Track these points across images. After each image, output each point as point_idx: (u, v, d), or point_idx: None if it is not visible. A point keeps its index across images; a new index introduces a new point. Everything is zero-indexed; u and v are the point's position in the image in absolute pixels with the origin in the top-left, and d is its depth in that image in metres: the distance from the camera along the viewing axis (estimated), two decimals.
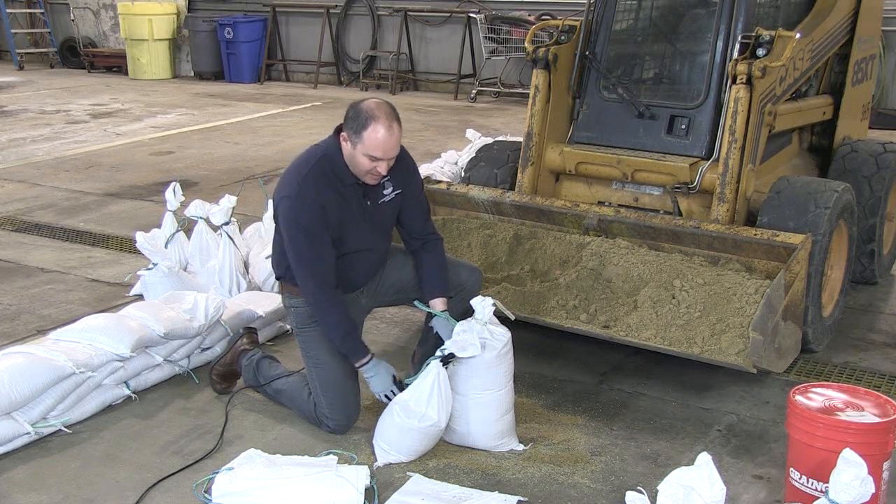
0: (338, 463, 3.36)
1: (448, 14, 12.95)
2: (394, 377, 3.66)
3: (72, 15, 15.86)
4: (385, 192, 3.71)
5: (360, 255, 3.73)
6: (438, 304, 3.74)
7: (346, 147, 3.54)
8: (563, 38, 5.02)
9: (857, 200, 4.73)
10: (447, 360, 3.51)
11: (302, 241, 3.55)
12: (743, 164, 4.42)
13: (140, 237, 5.05)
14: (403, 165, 3.75)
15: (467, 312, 3.62)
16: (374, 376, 3.63)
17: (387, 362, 3.70)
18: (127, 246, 6.06)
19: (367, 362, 3.63)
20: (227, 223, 5.13)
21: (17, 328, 4.79)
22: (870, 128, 6.32)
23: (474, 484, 3.39)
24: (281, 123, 10.86)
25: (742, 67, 4.36)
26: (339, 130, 3.60)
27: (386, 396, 3.63)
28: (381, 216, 3.74)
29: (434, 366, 3.48)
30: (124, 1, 14.59)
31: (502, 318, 3.72)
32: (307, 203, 3.52)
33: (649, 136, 4.76)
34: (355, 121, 3.48)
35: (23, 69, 15.54)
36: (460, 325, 3.54)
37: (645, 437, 3.76)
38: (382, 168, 3.52)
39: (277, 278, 3.87)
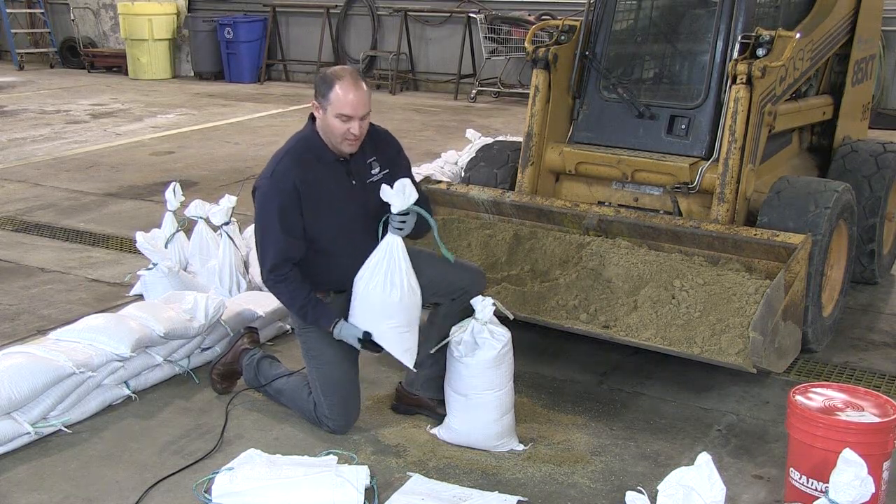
0: (338, 463, 3.37)
1: (448, 14, 12.95)
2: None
3: (72, 15, 15.86)
4: (373, 171, 3.68)
5: (352, 241, 3.62)
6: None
7: (319, 116, 3.55)
8: (563, 38, 5.02)
9: (857, 200, 4.73)
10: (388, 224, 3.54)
11: (271, 219, 3.53)
12: (743, 164, 4.41)
13: (140, 237, 5.05)
14: (389, 146, 3.75)
15: (467, 312, 3.62)
16: (342, 331, 3.59)
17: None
18: (127, 246, 6.06)
19: (336, 324, 3.58)
20: (227, 223, 5.13)
21: (17, 328, 4.79)
22: (870, 128, 6.32)
23: (474, 484, 3.39)
24: (281, 123, 10.86)
25: (742, 67, 4.35)
26: (313, 117, 3.62)
27: (360, 341, 3.56)
28: (371, 197, 3.62)
29: (384, 242, 3.51)
30: (124, 1, 14.59)
31: (502, 318, 3.72)
32: (282, 185, 3.52)
33: (649, 136, 4.76)
34: (322, 85, 3.52)
35: (23, 69, 15.54)
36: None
37: (645, 437, 3.76)
38: (355, 128, 3.50)
39: None
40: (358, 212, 3.65)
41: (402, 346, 3.59)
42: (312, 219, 3.58)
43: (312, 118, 3.63)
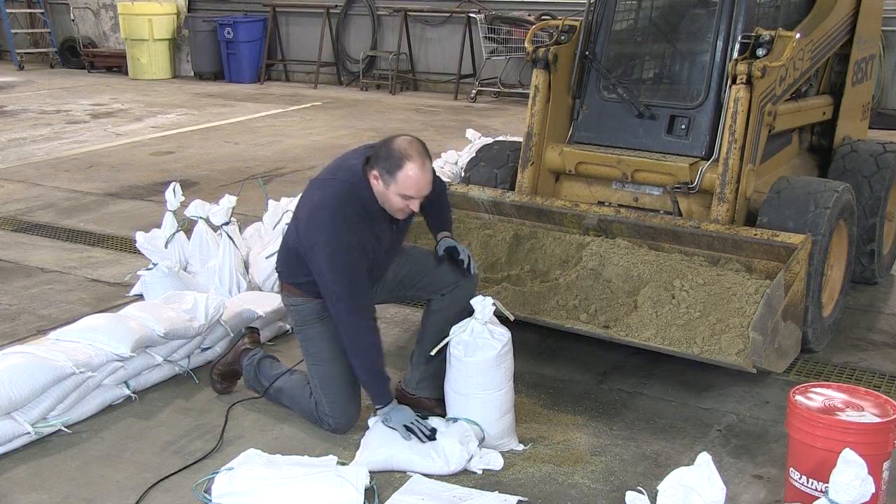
0: (338, 463, 3.37)
1: (448, 14, 12.95)
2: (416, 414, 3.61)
3: (72, 15, 15.86)
4: None
5: (383, 272, 3.77)
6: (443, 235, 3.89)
7: (378, 185, 3.50)
8: (563, 38, 5.02)
9: (857, 200, 4.73)
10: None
11: (346, 281, 3.49)
12: (743, 164, 4.41)
13: (140, 237, 5.06)
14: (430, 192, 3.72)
15: (467, 312, 3.62)
16: (392, 412, 3.57)
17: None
18: (127, 246, 6.06)
19: (385, 406, 3.57)
20: (227, 223, 5.13)
21: (17, 328, 4.79)
22: (870, 128, 6.32)
23: (474, 484, 3.39)
24: (281, 123, 10.86)
25: (742, 67, 4.35)
26: (365, 162, 3.55)
27: (408, 428, 3.51)
28: (404, 230, 3.78)
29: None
30: (124, 1, 14.59)
31: (502, 318, 3.72)
32: (346, 239, 3.47)
33: (649, 136, 4.76)
34: (388, 160, 3.44)
35: (23, 69, 15.54)
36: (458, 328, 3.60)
37: (645, 437, 3.76)
38: (415, 205, 3.53)
39: (278, 273, 3.87)
40: (394, 245, 3.74)
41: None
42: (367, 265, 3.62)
43: (363, 163, 3.54)
